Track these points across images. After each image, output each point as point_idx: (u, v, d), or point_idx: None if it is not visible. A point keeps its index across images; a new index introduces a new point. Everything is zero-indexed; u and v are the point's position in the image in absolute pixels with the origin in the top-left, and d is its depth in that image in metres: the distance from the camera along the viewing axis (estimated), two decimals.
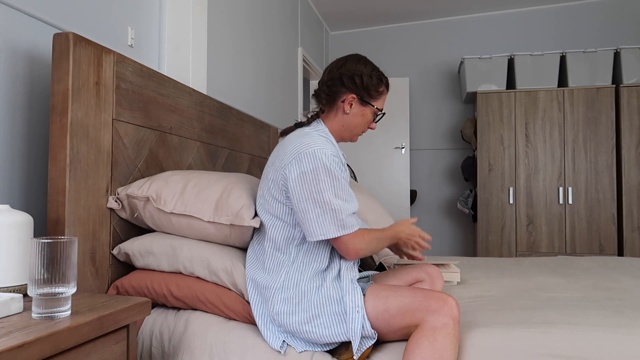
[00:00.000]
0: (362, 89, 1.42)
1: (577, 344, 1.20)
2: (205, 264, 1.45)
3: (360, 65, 1.44)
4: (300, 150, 1.31)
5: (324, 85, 1.46)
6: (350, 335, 1.24)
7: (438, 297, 1.21)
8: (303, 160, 1.30)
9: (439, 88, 4.83)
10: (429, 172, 4.83)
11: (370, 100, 1.44)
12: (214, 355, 1.35)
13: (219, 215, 1.47)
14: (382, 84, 1.45)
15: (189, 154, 1.99)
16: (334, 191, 1.29)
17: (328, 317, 1.27)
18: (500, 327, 1.29)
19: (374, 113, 1.47)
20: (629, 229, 3.67)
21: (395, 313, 1.23)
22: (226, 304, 1.43)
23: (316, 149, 1.30)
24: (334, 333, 1.26)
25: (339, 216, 1.28)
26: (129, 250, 1.50)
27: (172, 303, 1.48)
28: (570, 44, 4.45)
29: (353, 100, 1.43)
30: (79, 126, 1.37)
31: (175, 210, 1.49)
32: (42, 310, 0.93)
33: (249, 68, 3.03)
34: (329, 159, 1.31)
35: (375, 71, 1.45)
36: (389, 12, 4.64)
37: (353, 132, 1.48)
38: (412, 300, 1.22)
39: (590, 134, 3.81)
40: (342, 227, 1.29)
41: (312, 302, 1.29)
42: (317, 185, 1.28)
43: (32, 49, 1.49)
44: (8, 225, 1.09)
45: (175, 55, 2.17)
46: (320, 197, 1.27)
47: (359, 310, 1.25)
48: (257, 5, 3.16)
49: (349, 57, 1.46)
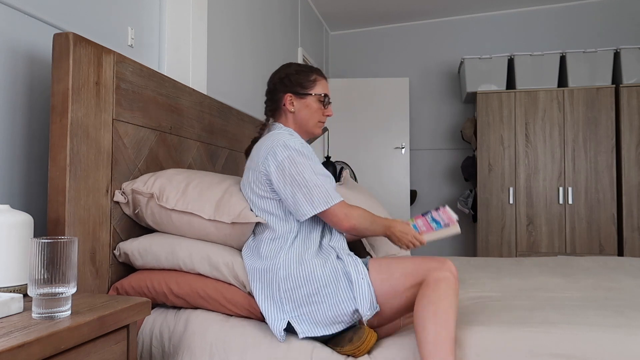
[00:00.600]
0: (294, 86, 1.56)
1: (577, 343, 1.20)
2: (205, 260, 1.47)
3: (285, 68, 1.59)
4: (271, 146, 1.44)
5: (266, 99, 1.62)
6: (358, 301, 1.30)
7: (437, 259, 1.33)
8: (277, 152, 1.42)
9: (439, 88, 4.83)
10: (429, 172, 4.84)
11: (305, 91, 1.56)
12: (214, 354, 1.35)
13: (220, 214, 1.48)
14: (311, 74, 1.58)
15: (189, 154, 1.99)
16: (311, 169, 1.41)
17: (334, 288, 1.33)
18: (500, 327, 1.29)
19: (318, 100, 1.57)
20: (629, 229, 3.67)
21: (398, 276, 1.32)
22: (227, 297, 1.44)
23: (285, 140, 1.44)
24: (340, 301, 1.32)
25: (322, 190, 1.40)
26: (128, 250, 1.51)
27: (172, 301, 1.48)
28: (570, 44, 4.45)
29: (291, 98, 1.56)
30: (79, 126, 1.37)
31: (177, 207, 1.51)
32: (42, 310, 0.93)
33: (249, 68, 3.03)
34: (299, 145, 1.44)
35: (301, 67, 1.59)
36: (389, 12, 4.64)
37: (309, 125, 1.58)
38: (413, 264, 1.34)
39: (590, 134, 3.81)
40: (328, 198, 1.39)
41: (317, 276, 1.34)
42: (295, 168, 1.40)
43: (32, 49, 1.49)
44: (8, 225, 1.09)
45: (175, 55, 2.17)
46: (302, 178, 1.39)
47: (364, 277, 1.33)
48: (257, 5, 3.16)
49: (278, 68, 1.62)
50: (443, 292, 1.24)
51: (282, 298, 1.35)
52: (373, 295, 1.32)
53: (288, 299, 1.34)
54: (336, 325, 1.33)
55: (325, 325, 1.33)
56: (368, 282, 1.32)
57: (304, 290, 1.33)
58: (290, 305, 1.34)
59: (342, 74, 5.11)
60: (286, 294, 1.35)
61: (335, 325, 1.33)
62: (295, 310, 1.34)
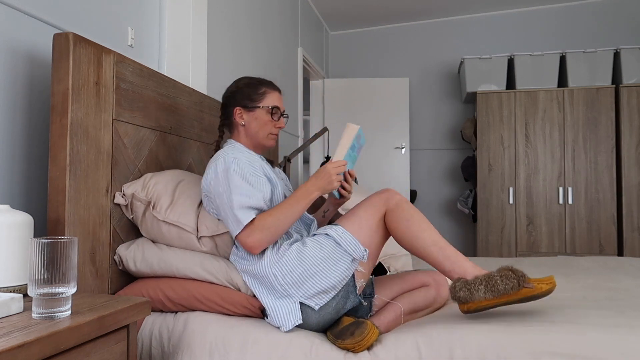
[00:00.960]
0: (243, 99, 1.58)
1: (577, 343, 1.20)
2: (199, 265, 1.49)
3: (236, 82, 1.62)
4: (208, 166, 1.50)
5: (220, 114, 1.64)
6: (350, 251, 1.40)
7: (381, 191, 1.49)
8: (209, 172, 1.48)
9: (439, 88, 4.83)
10: (429, 172, 4.83)
11: (253, 104, 1.58)
12: (214, 352, 1.35)
13: (202, 228, 1.52)
14: (260, 86, 1.60)
15: (189, 154, 1.99)
16: (228, 190, 1.41)
17: (325, 253, 1.40)
18: (501, 327, 1.29)
19: (267, 113, 1.58)
20: (629, 229, 3.67)
21: (367, 217, 1.45)
22: (224, 297, 1.45)
23: (219, 159, 1.46)
24: (336, 260, 1.39)
25: (232, 213, 1.40)
26: (123, 257, 1.51)
27: (169, 308, 1.49)
28: (570, 44, 4.45)
29: (240, 112, 1.58)
30: (79, 126, 1.37)
31: (167, 219, 1.52)
32: (42, 310, 0.93)
33: (249, 68, 3.03)
34: (230, 161, 1.44)
35: (252, 80, 1.61)
36: (389, 12, 4.64)
37: (259, 137, 1.59)
38: (370, 203, 1.47)
39: (590, 134, 3.81)
40: (237, 222, 1.40)
41: (305, 253, 1.40)
42: (217, 187, 1.44)
43: (32, 49, 1.49)
44: (8, 225, 1.09)
45: (175, 55, 2.17)
46: (221, 199, 1.43)
47: (344, 232, 1.43)
48: (257, 5, 3.16)
49: (229, 86, 1.64)
50: (408, 209, 1.43)
51: (283, 285, 1.39)
52: (357, 240, 1.42)
53: (289, 284, 1.39)
54: (342, 281, 1.41)
55: (333, 288, 1.40)
56: (349, 234, 1.42)
57: (300, 269, 1.39)
58: (294, 288, 1.39)
59: (342, 74, 5.11)
60: (284, 280, 1.39)
61: (340, 283, 1.41)
62: (300, 288, 1.38)
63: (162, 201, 1.54)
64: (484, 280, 1.29)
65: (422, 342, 1.28)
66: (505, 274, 1.29)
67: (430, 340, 1.27)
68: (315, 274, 1.38)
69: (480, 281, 1.29)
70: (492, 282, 1.28)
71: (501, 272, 1.30)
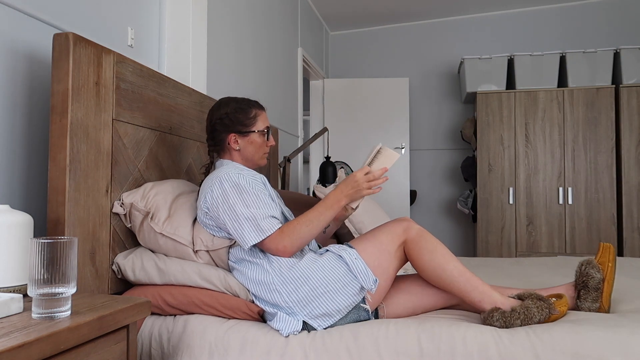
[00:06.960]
0: (235, 125, 1.56)
1: (577, 343, 1.20)
2: (197, 274, 1.48)
3: (223, 108, 1.58)
4: (210, 183, 1.48)
5: (208, 139, 1.62)
6: (360, 279, 1.39)
7: (398, 220, 1.49)
8: (213, 189, 1.46)
9: (439, 88, 4.83)
10: (429, 172, 4.84)
11: (247, 129, 1.57)
12: (213, 353, 1.36)
13: (197, 243, 1.52)
14: (250, 110, 1.58)
15: (189, 154, 1.99)
16: (243, 203, 1.42)
17: (334, 275, 1.39)
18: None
19: (261, 135, 1.59)
20: (629, 229, 3.67)
21: (387, 242, 1.46)
22: (222, 303, 1.45)
23: (222, 175, 1.46)
24: (345, 284, 1.39)
25: (253, 223, 1.40)
26: (121, 265, 1.51)
27: (168, 313, 1.49)
28: (570, 44, 4.45)
29: (235, 137, 1.57)
30: (79, 126, 1.37)
31: (163, 232, 1.52)
32: (42, 310, 0.93)
33: (249, 68, 3.03)
34: (235, 177, 1.45)
35: (238, 104, 1.58)
36: (389, 12, 4.64)
37: (255, 158, 1.60)
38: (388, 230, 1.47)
39: (590, 134, 3.81)
40: (260, 231, 1.40)
41: (312, 271, 1.40)
42: (227, 202, 1.43)
43: (32, 49, 1.49)
44: (8, 225, 1.09)
45: (175, 55, 2.17)
46: (233, 212, 1.42)
47: (357, 257, 1.42)
48: (257, 5, 3.16)
49: (212, 107, 1.61)
50: (431, 240, 1.44)
51: (287, 302, 1.39)
52: (369, 269, 1.41)
53: (294, 302, 1.38)
54: (347, 307, 1.40)
55: (338, 312, 1.40)
56: (362, 260, 1.41)
57: (306, 287, 1.38)
58: (298, 307, 1.38)
59: (342, 74, 5.11)
60: (290, 297, 1.38)
61: (346, 308, 1.40)
62: (305, 308, 1.38)
63: (161, 213, 1.54)
64: (522, 314, 1.31)
65: (424, 337, 1.28)
66: (539, 305, 1.32)
67: (431, 335, 1.28)
68: (321, 295, 1.38)
69: (518, 315, 1.31)
70: (529, 315, 1.31)
71: (535, 302, 1.33)
